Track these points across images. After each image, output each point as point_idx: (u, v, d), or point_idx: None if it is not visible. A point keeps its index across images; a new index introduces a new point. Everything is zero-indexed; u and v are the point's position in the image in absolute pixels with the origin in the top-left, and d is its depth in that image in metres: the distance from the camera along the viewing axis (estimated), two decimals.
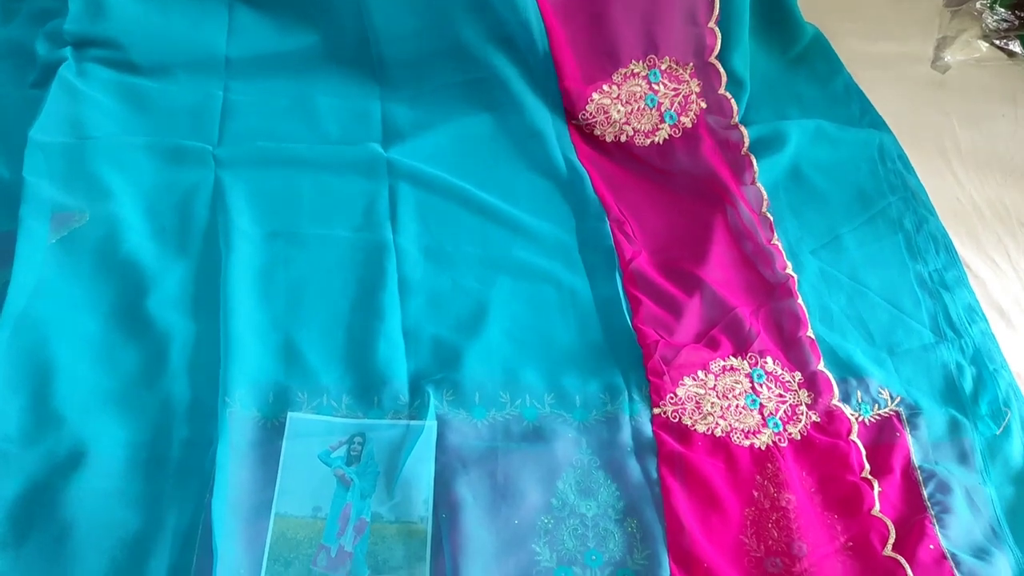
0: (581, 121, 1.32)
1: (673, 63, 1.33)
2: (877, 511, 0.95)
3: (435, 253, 1.15)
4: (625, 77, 1.32)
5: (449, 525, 0.91)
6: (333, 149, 1.24)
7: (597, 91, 1.31)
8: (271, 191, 1.18)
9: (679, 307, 1.12)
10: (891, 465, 1.00)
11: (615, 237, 1.18)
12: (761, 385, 1.05)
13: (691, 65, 1.34)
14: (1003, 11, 1.58)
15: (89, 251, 1.08)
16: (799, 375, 1.07)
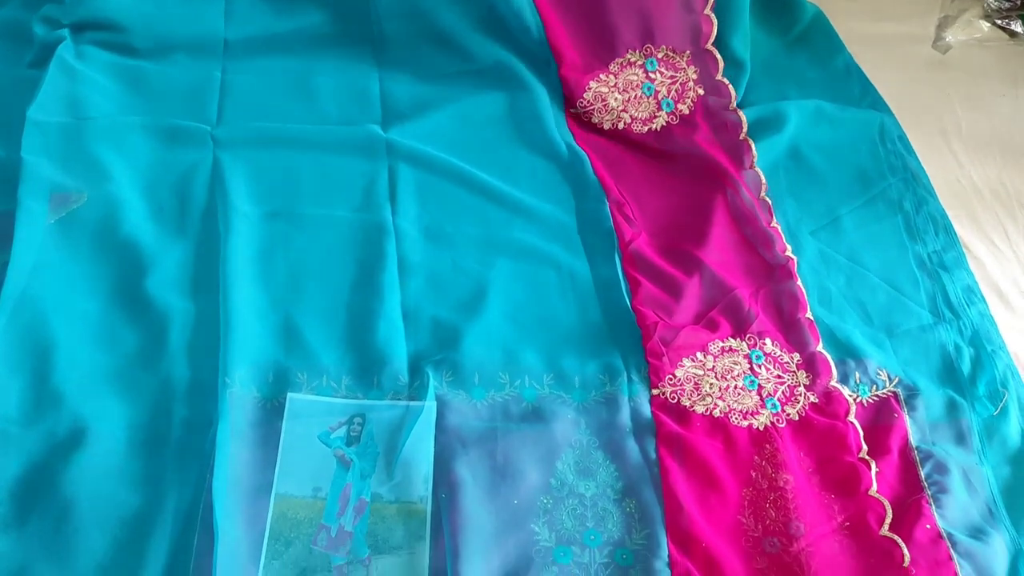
0: (579, 109, 1.31)
1: (670, 51, 1.33)
2: (874, 491, 0.96)
3: (435, 234, 1.15)
4: (622, 66, 1.31)
5: (449, 505, 0.91)
6: (332, 129, 1.23)
7: (594, 80, 1.31)
8: (270, 171, 1.17)
9: (678, 288, 1.12)
10: (888, 446, 1.00)
11: (615, 219, 1.18)
12: (760, 366, 1.06)
13: (688, 53, 1.33)
14: None
15: (88, 231, 1.08)
16: (798, 356, 1.07)
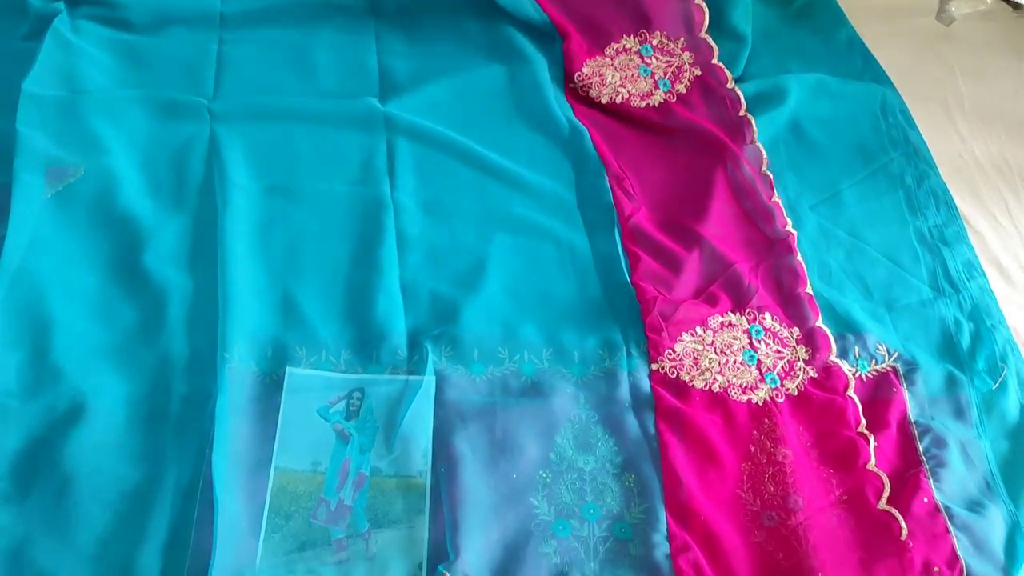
0: (577, 83, 1.31)
1: (664, 38, 1.34)
2: (872, 466, 0.96)
3: (433, 208, 1.14)
4: (617, 52, 1.32)
5: (448, 479, 0.91)
6: (330, 103, 1.23)
7: (592, 59, 1.31)
8: (267, 145, 1.17)
9: (678, 263, 1.11)
10: (887, 420, 1.00)
11: (614, 193, 1.17)
12: (759, 341, 1.05)
13: (682, 40, 1.34)
14: None
15: (85, 206, 1.07)
16: (797, 331, 1.07)
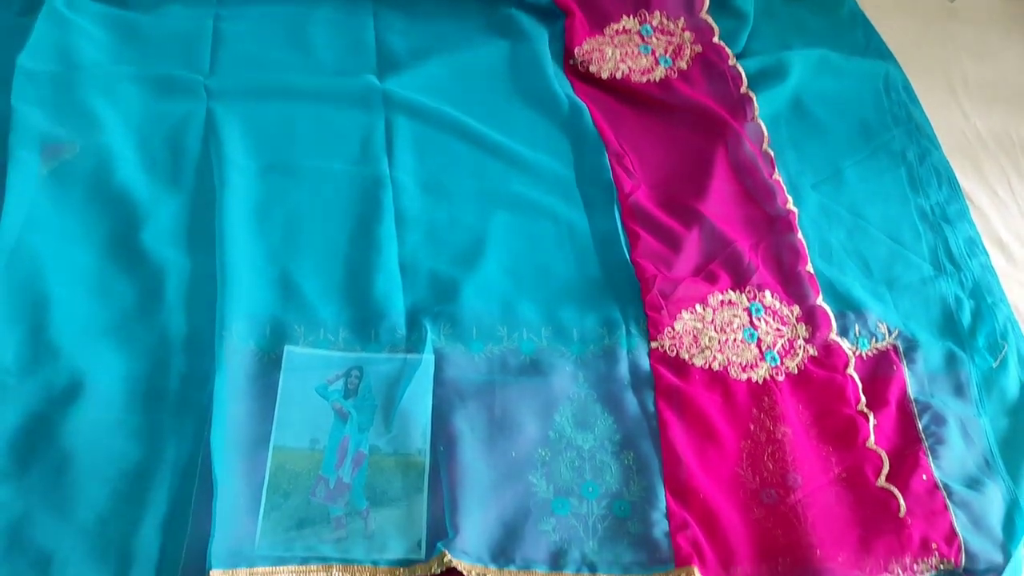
0: (577, 59, 1.30)
1: (664, 18, 1.33)
2: (872, 443, 0.96)
3: (432, 186, 1.14)
4: (617, 32, 1.32)
5: (447, 457, 0.91)
6: (327, 80, 1.22)
7: (592, 38, 1.31)
8: (265, 123, 1.16)
9: (678, 241, 1.11)
10: (887, 398, 1.00)
11: (614, 171, 1.17)
12: (759, 319, 1.05)
13: (682, 19, 1.34)
14: None
15: (81, 183, 1.07)
16: (797, 309, 1.07)
